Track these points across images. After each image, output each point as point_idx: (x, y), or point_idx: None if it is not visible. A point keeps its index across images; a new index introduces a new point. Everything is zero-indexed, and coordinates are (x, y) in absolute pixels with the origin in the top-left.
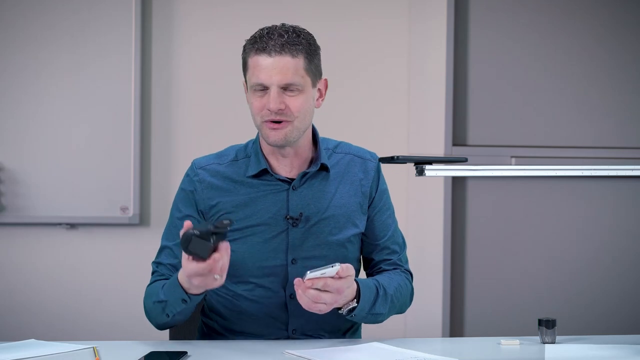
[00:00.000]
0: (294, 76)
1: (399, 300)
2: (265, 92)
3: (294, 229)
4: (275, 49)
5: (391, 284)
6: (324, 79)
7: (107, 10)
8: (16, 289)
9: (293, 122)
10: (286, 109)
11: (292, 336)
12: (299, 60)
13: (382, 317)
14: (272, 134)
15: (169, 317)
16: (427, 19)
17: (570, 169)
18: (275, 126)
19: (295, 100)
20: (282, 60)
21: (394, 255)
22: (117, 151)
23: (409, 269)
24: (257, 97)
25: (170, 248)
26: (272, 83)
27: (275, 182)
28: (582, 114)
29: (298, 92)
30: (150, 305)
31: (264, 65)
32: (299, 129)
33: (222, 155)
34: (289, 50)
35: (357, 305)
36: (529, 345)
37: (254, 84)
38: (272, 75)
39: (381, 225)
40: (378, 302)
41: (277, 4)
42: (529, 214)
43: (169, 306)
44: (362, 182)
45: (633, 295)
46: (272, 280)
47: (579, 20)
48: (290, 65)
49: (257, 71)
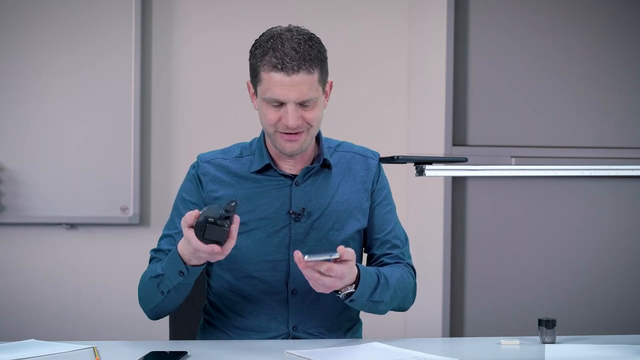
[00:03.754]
0: (309, 92)
1: (401, 291)
2: (280, 107)
3: (296, 224)
4: (293, 67)
5: (393, 274)
6: (329, 82)
7: (107, 10)
8: (16, 289)
9: (308, 131)
10: (302, 122)
11: (292, 333)
12: (315, 74)
13: (384, 307)
14: (288, 145)
15: (163, 295)
16: (427, 19)
17: (570, 169)
18: (291, 137)
19: (310, 113)
20: (299, 78)
21: (396, 249)
22: (117, 151)
23: (412, 265)
24: (272, 110)
25: (172, 236)
26: (289, 100)
27: (279, 177)
28: (582, 114)
29: (314, 104)
30: (146, 283)
31: (281, 82)
32: (312, 136)
33: (227, 151)
34: (305, 68)
35: (356, 290)
36: (529, 345)
37: (270, 98)
38: (290, 93)
39: (381, 219)
40: (379, 289)
41: (277, 4)
42: (529, 214)
43: (164, 280)
44: (364, 179)
45: (633, 295)
46: (274, 275)
47: (579, 20)
48: (306, 82)
49: (273, 87)
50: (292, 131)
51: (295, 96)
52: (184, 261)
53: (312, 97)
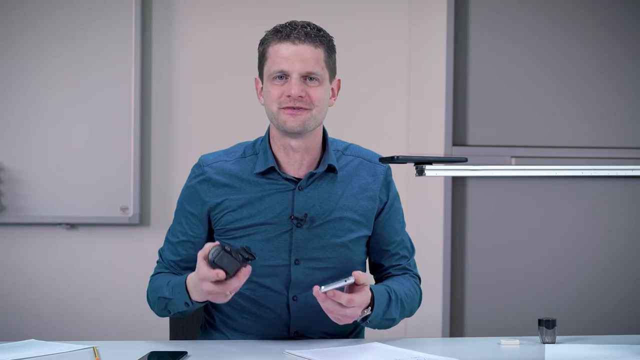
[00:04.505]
0: (315, 65)
1: (409, 305)
2: (285, 80)
3: (298, 229)
4: (299, 37)
5: (402, 288)
6: (337, 79)
7: (107, 11)
8: (16, 289)
9: (312, 111)
10: (306, 96)
11: (293, 338)
12: (320, 52)
13: (395, 322)
14: (290, 119)
15: (170, 313)
16: (427, 19)
17: (570, 169)
18: (294, 112)
19: (315, 91)
20: (305, 49)
21: (404, 260)
22: (117, 151)
23: (418, 274)
24: (276, 86)
25: (173, 245)
26: (293, 70)
27: (282, 181)
28: (582, 114)
29: (318, 82)
30: (154, 299)
31: (287, 53)
32: (316, 119)
33: (230, 152)
34: (311, 40)
35: (371, 312)
36: (529, 345)
37: (275, 71)
38: (295, 62)
39: (392, 230)
40: (391, 306)
41: (277, 4)
42: (529, 214)
43: (171, 304)
44: (370, 186)
45: (633, 295)
46: (275, 281)
47: (579, 20)
48: (312, 55)
49: (279, 59)
50: (295, 104)
51: (299, 67)
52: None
53: (317, 72)
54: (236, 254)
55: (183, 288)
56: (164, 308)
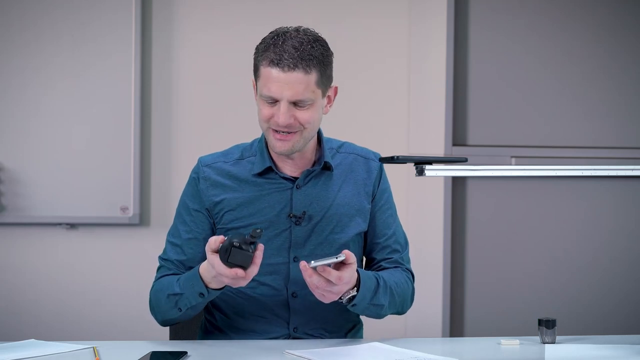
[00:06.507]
0: (304, 92)
1: (399, 296)
2: (275, 104)
3: (297, 227)
4: (289, 64)
5: (392, 278)
6: (334, 87)
7: (107, 11)
8: (16, 289)
9: (301, 132)
10: (295, 121)
11: (293, 334)
12: (312, 77)
13: (384, 311)
14: (278, 144)
15: (180, 312)
16: (427, 19)
17: (570, 169)
18: (282, 137)
19: (304, 114)
20: (295, 77)
21: (395, 254)
22: (117, 151)
23: (411, 269)
24: (266, 106)
25: (178, 245)
26: (282, 97)
27: (280, 180)
28: (582, 114)
29: (308, 106)
30: (162, 299)
31: (276, 79)
32: (306, 138)
33: (227, 154)
34: (302, 66)
35: (357, 293)
36: (529, 345)
37: (265, 95)
38: (284, 90)
39: (382, 223)
40: (379, 291)
41: (277, 4)
42: (529, 214)
43: (183, 299)
44: (365, 182)
45: (633, 295)
46: (275, 278)
47: (579, 20)
48: (302, 82)
49: (269, 83)
50: (283, 129)
51: (288, 94)
52: (205, 283)
53: (306, 98)
54: (246, 246)
55: (197, 278)
56: (174, 306)
